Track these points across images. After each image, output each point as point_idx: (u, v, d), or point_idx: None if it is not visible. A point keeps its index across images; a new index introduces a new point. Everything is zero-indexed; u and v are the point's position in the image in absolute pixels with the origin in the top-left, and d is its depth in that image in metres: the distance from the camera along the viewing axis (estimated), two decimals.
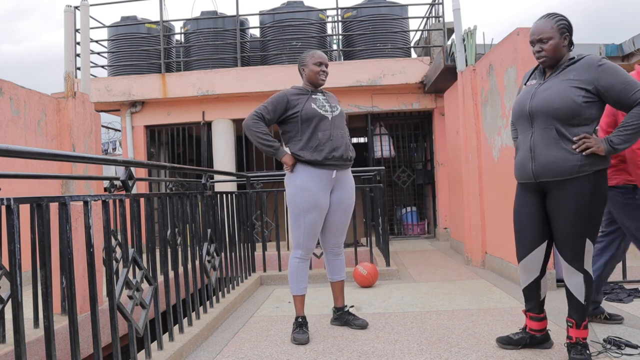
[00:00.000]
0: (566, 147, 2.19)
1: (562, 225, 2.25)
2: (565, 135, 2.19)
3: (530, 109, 2.28)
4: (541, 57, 2.29)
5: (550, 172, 2.22)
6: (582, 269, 2.28)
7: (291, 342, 2.88)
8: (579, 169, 2.17)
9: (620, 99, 2.15)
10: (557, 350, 2.53)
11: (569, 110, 2.17)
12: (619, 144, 2.14)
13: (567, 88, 2.19)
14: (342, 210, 3.05)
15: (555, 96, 2.20)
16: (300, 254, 2.99)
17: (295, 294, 3.02)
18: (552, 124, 2.21)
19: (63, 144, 5.69)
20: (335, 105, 3.04)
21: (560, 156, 2.19)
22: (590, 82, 2.18)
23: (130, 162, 2.46)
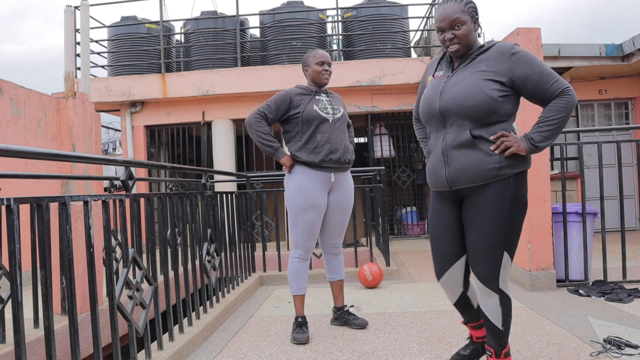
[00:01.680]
0: (483, 148, 1.91)
1: (477, 237, 1.94)
2: (481, 135, 1.91)
3: (441, 107, 1.97)
4: (453, 46, 1.97)
5: (466, 177, 1.93)
6: (497, 289, 1.96)
7: (291, 342, 2.88)
8: (497, 172, 1.90)
9: (537, 91, 1.91)
10: (556, 351, 2.53)
11: (485, 107, 1.89)
12: (540, 141, 1.90)
13: (480, 82, 1.90)
14: (341, 211, 3.05)
15: (468, 92, 1.91)
16: (300, 253, 2.99)
17: (295, 293, 3.02)
18: (466, 124, 1.92)
19: (63, 144, 5.69)
20: (338, 108, 3.04)
21: (476, 159, 1.91)
22: (504, 73, 1.91)
23: (130, 162, 2.46)
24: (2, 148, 1.55)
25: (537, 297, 3.72)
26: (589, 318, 3.08)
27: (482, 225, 1.93)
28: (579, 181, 6.51)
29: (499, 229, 1.91)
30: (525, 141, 1.91)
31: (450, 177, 1.97)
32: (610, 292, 3.63)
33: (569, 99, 1.88)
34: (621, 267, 3.97)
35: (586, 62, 6.93)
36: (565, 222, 3.98)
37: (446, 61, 2.10)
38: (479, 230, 1.94)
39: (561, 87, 1.88)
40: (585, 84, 7.90)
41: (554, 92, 1.89)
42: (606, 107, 8.21)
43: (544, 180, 3.95)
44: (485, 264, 1.95)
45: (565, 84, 1.88)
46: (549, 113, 1.90)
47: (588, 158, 7.52)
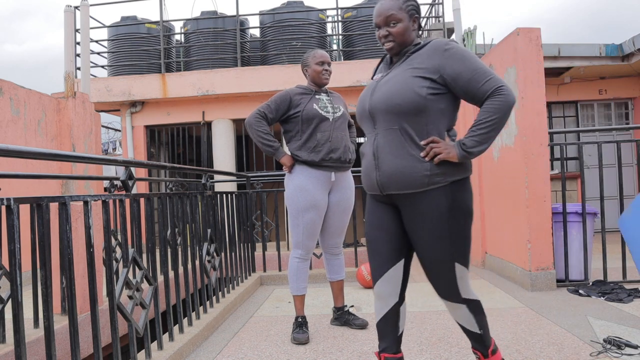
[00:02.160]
0: (413, 153, 1.76)
1: (424, 251, 1.81)
2: (412, 137, 1.77)
3: (370, 107, 1.86)
4: (388, 43, 1.87)
5: (397, 183, 1.79)
6: (460, 300, 1.85)
7: (291, 342, 2.88)
8: (429, 180, 1.75)
9: (469, 89, 1.76)
10: (556, 351, 2.53)
11: (413, 105, 1.75)
12: (473, 146, 1.75)
13: (410, 79, 1.78)
14: (341, 212, 3.05)
15: (397, 89, 1.79)
16: (300, 253, 2.99)
17: (295, 294, 3.02)
18: (395, 124, 1.79)
19: (63, 144, 5.69)
20: (339, 107, 3.04)
21: (407, 165, 1.77)
22: (435, 70, 1.78)
23: (130, 162, 2.46)
24: (2, 148, 1.55)
25: (537, 297, 3.72)
26: (589, 318, 3.08)
27: (423, 240, 1.80)
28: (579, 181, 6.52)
29: (442, 242, 1.77)
30: (457, 147, 1.75)
31: (380, 181, 1.84)
32: (610, 292, 3.63)
33: (503, 98, 1.72)
34: (621, 267, 3.97)
35: (586, 62, 6.94)
36: (565, 222, 3.98)
37: (385, 62, 2.01)
38: (422, 244, 1.81)
39: (494, 86, 1.73)
40: (585, 84, 7.90)
41: (487, 92, 1.74)
42: (606, 107, 8.22)
43: (544, 180, 3.95)
44: (440, 280, 1.83)
45: (499, 83, 1.73)
46: (482, 115, 1.74)
47: (588, 158, 7.53)
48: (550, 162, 6.00)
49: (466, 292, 1.85)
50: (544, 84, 4.01)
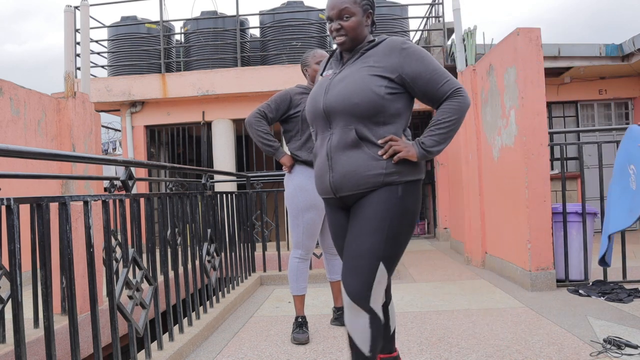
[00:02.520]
0: (369, 151, 1.72)
1: (354, 241, 1.72)
2: (368, 137, 1.72)
3: (325, 106, 1.79)
4: (340, 37, 1.80)
5: (351, 183, 1.73)
6: (367, 307, 1.69)
7: (291, 342, 2.88)
8: (384, 178, 1.70)
9: (428, 90, 1.73)
10: (556, 351, 2.53)
11: (371, 104, 1.71)
12: (432, 146, 1.71)
13: (367, 77, 1.73)
14: None
15: (354, 88, 1.73)
16: (300, 253, 2.99)
17: (295, 294, 3.02)
18: (351, 124, 1.73)
19: (63, 144, 5.69)
20: None
21: (361, 164, 1.71)
22: (393, 69, 1.73)
23: (130, 162, 2.46)
24: (2, 148, 1.55)
25: (537, 297, 3.72)
26: (589, 318, 3.08)
27: (361, 229, 1.71)
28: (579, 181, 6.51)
29: (379, 236, 1.69)
30: (417, 146, 1.72)
31: (334, 182, 1.76)
32: (610, 292, 3.63)
33: (462, 100, 1.72)
34: (621, 267, 3.97)
35: (586, 62, 6.93)
36: (565, 222, 3.98)
37: (336, 58, 1.93)
38: (356, 234, 1.72)
39: (453, 88, 1.72)
40: (585, 84, 7.90)
41: (445, 93, 1.72)
42: (606, 107, 8.21)
43: (544, 180, 3.95)
44: (358, 274, 1.69)
45: (458, 85, 1.73)
46: (441, 116, 1.72)
47: (588, 158, 7.53)
48: (550, 162, 6.00)
49: (375, 303, 1.71)
50: (544, 84, 4.01)
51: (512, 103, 4.20)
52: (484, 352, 2.56)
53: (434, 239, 8.54)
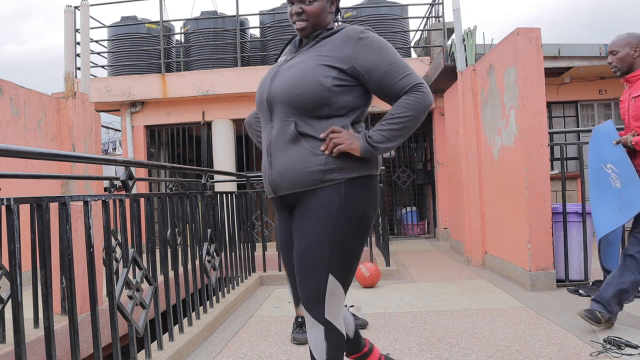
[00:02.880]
0: (309, 146, 1.55)
1: (298, 252, 1.59)
2: (308, 131, 1.56)
3: (269, 95, 1.63)
4: (300, 22, 1.64)
5: (288, 181, 1.58)
6: (322, 319, 1.57)
7: (291, 342, 2.88)
8: (323, 176, 1.54)
9: (384, 84, 1.56)
10: (556, 351, 2.53)
11: (315, 96, 1.54)
12: (380, 141, 1.53)
13: (314, 66, 1.57)
14: None
15: (299, 77, 1.57)
16: None
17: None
18: (291, 116, 1.58)
19: (63, 144, 5.69)
20: None
21: (299, 159, 1.55)
22: (346, 59, 1.57)
23: (130, 162, 2.46)
24: (2, 148, 1.55)
25: (537, 297, 3.72)
26: None
27: (303, 239, 1.56)
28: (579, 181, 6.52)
29: (322, 245, 1.53)
30: (362, 139, 1.54)
31: (273, 180, 1.61)
32: None
33: (420, 96, 1.54)
34: None
35: (586, 62, 6.93)
36: (565, 222, 3.98)
37: (293, 44, 1.76)
38: (299, 244, 1.57)
39: (412, 83, 1.55)
40: (585, 84, 7.89)
41: (403, 88, 1.55)
42: (606, 107, 8.21)
43: (544, 181, 3.95)
44: (307, 286, 1.57)
45: (418, 80, 1.56)
46: (395, 110, 1.55)
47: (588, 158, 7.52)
48: (550, 162, 6.00)
49: (332, 315, 1.58)
50: (544, 84, 4.01)
51: (512, 103, 4.20)
52: (484, 352, 2.56)
53: (434, 239, 8.54)
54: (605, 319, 2.76)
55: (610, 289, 2.77)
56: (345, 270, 1.59)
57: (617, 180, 2.80)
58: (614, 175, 2.81)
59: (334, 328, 1.59)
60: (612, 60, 2.84)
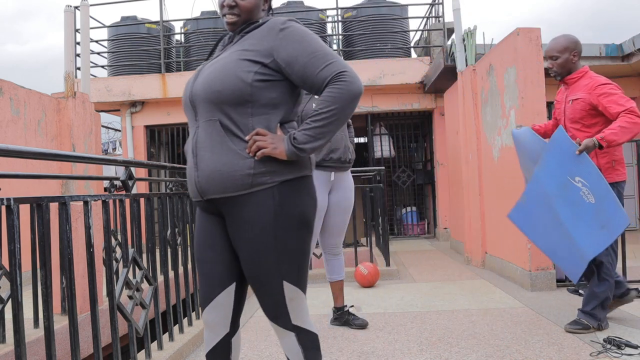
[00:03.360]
0: (235, 147, 1.46)
1: (245, 264, 1.51)
2: (234, 131, 1.47)
3: (192, 95, 1.55)
4: (231, 16, 1.56)
5: (216, 185, 1.47)
6: (289, 325, 1.53)
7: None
8: (253, 179, 1.45)
9: (306, 75, 1.45)
10: (556, 351, 2.53)
11: (236, 92, 1.45)
12: (305, 142, 1.42)
13: (235, 62, 1.48)
14: (341, 211, 3.05)
15: (219, 74, 1.49)
16: None
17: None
18: (215, 114, 1.48)
19: (63, 144, 5.69)
20: None
21: (227, 162, 1.45)
22: (268, 52, 1.48)
23: (130, 162, 2.46)
24: (2, 148, 1.55)
25: (537, 297, 3.73)
26: None
27: (247, 252, 1.49)
28: None
29: (268, 255, 1.47)
30: (287, 142, 1.44)
31: (200, 183, 1.51)
32: None
33: (344, 86, 1.41)
34: (621, 267, 3.97)
35: (586, 62, 6.92)
36: None
37: (223, 43, 1.68)
38: (245, 257, 1.50)
39: (334, 72, 1.42)
40: None
41: (325, 78, 1.43)
42: None
43: None
44: (266, 299, 1.52)
45: (341, 68, 1.43)
46: (318, 106, 1.44)
47: None
48: None
49: (299, 319, 1.54)
50: (544, 84, 4.01)
51: (512, 103, 4.20)
52: (484, 352, 2.56)
53: (434, 239, 8.55)
54: (594, 327, 2.80)
55: (592, 301, 2.82)
56: (298, 273, 1.52)
57: (589, 194, 2.63)
58: (585, 190, 2.65)
59: (304, 331, 1.56)
60: (552, 65, 2.85)
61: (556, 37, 2.88)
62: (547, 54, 2.85)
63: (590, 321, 2.80)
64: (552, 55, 2.83)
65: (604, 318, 2.83)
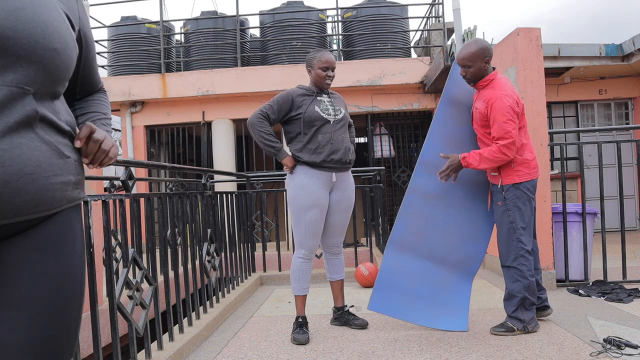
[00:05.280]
0: (51, 140, 0.96)
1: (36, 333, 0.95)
2: (49, 116, 0.96)
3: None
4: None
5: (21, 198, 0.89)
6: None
7: (291, 342, 2.88)
8: (72, 191, 1.02)
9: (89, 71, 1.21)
10: (556, 351, 2.53)
11: (69, 60, 1.01)
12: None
13: (59, 12, 1.01)
14: (342, 210, 3.05)
15: (49, 18, 0.96)
16: (304, 253, 2.99)
17: (297, 294, 3.02)
18: (30, 82, 0.92)
19: None
20: (340, 109, 3.04)
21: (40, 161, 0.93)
22: (75, 16, 1.09)
23: (130, 162, 2.46)
24: None
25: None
26: (589, 318, 3.08)
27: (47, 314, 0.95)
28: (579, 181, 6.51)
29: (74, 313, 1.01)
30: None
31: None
32: (610, 292, 3.63)
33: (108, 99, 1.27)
34: (621, 267, 3.97)
35: (586, 62, 6.93)
36: (565, 222, 3.98)
37: None
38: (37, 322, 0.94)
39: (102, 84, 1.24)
40: (585, 84, 7.90)
41: (99, 83, 1.26)
42: (606, 107, 8.22)
43: (544, 181, 3.95)
44: None
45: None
46: (104, 109, 1.26)
47: (588, 158, 7.53)
48: (550, 162, 6.00)
49: None
50: (544, 84, 4.01)
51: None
52: (484, 352, 2.56)
53: None
54: (519, 329, 2.83)
55: (510, 304, 2.88)
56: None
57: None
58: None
59: None
60: (466, 74, 2.88)
61: (467, 43, 2.91)
62: (460, 62, 2.88)
63: (515, 323, 2.84)
64: (465, 64, 2.86)
65: (529, 319, 2.84)
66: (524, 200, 2.80)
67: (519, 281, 2.81)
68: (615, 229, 5.15)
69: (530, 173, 2.83)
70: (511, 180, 2.81)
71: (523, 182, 2.81)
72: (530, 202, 2.83)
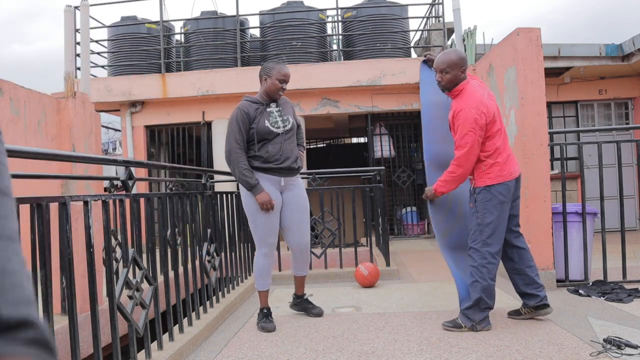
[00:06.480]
0: None
1: None
2: None
3: None
4: None
5: None
6: None
7: (259, 331, 3.05)
8: None
9: None
10: (556, 351, 2.53)
11: None
12: None
13: None
14: (297, 207, 3.21)
15: None
16: (265, 251, 3.17)
17: (261, 289, 3.22)
18: None
19: (63, 144, 5.69)
20: (288, 118, 3.19)
21: None
22: None
23: (130, 162, 2.46)
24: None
25: None
26: (589, 318, 3.08)
27: None
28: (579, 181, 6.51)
29: None
30: None
31: None
32: (610, 292, 3.63)
33: None
34: (621, 267, 3.97)
35: (586, 62, 6.94)
36: (565, 222, 3.98)
37: None
38: None
39: None
40: (585, 84, 7.90)
41: None
42: (606, 107, 8.21)
43: (544, 180, 3.95)
44: None
45: None
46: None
47: (588, 158, 7.52)
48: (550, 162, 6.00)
49: None
50: (544, 84, 4.01)
51: (512, 103, 4.20)
52: (484, 352, 2.56)
53: (434, 239, 8.54)
54: (467, 327, 2.90)
55: (466, 301, 2.94)
56: None
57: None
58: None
59: None
60: (442, 79, 2.92)
61: (447, 51, 2.97)
62: (438, 68, 2.92)
63: (464, 321, 2.90)
64: (443, 69, 2.89)
65: (480, 319, 2.89)
66: (495, 204, 2.85)
67: (478, 282, 2.88)
68: (615, 229, 5.14)
69: (503, 175, 2.87)
70: (483, 182, 2.87)
71: (494, 185, 2.86)
72: (501, 206, 2.86)
